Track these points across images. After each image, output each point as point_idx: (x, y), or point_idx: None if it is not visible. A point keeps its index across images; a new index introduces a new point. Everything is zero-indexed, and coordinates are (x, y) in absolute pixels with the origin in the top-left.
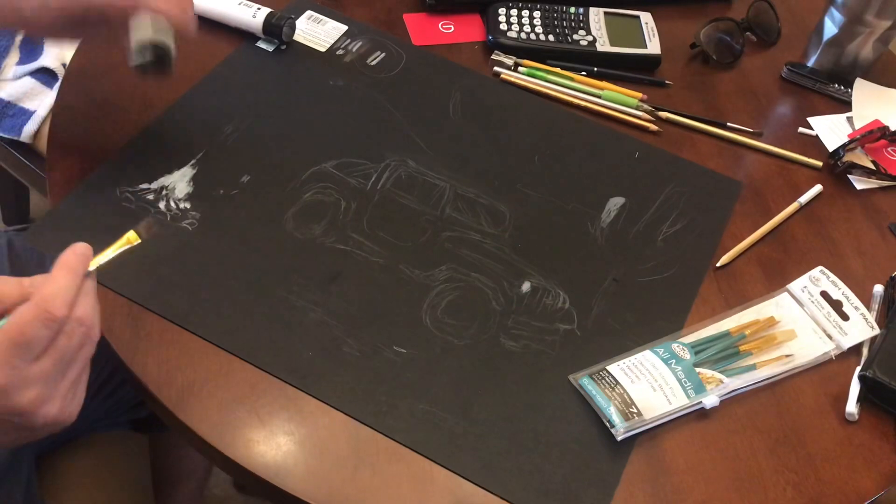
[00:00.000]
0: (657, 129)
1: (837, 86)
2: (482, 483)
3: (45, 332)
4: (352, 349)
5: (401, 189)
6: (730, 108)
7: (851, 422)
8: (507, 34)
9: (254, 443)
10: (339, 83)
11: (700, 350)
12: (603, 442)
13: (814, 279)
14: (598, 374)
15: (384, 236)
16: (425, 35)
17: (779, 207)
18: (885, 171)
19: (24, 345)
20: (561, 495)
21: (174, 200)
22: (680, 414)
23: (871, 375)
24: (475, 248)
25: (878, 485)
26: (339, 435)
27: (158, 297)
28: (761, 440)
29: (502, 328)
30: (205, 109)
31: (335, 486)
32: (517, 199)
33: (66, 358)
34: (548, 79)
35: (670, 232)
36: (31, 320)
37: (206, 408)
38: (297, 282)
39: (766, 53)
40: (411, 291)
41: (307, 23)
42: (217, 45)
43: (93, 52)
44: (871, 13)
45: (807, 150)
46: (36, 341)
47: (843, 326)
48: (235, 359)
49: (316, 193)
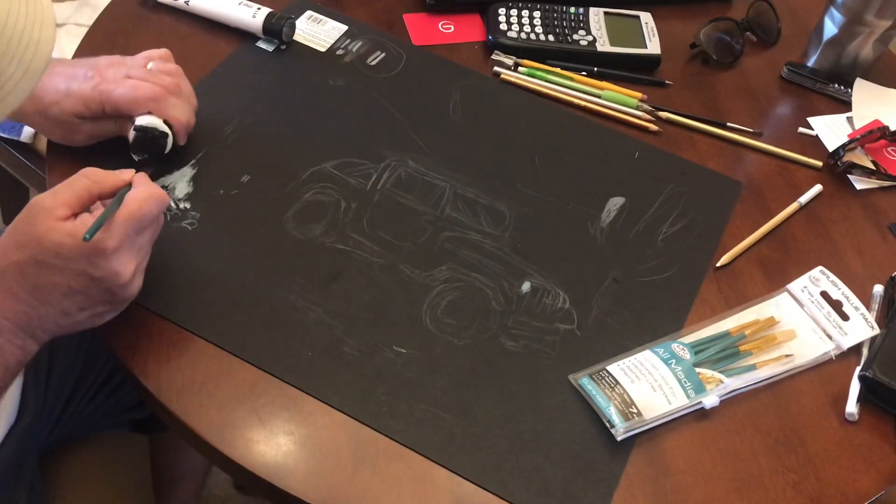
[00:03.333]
0: (657, 129)
1: (837, 86)
2: (482, 483)
3: (155, 210)
4: (352, 349)
5: (401, 189)
6: (730, 108)
7: (851, 422)
8: (507, 34)
9: (254, 443)
10: (339, 83)
11: (700, 350)
12: (603, 442)
13: (814, 279)
14: (598, 374)
15: (384, 236)
16: (425, 35)
17: (779, 207)
18: (885, 171)
19: (140, 218)
20: (561, 495)
21: (174, 200)
22: (680, 414)
23: (871, 375)
24: (475, 248)
25: (878, 485)
26: (339, 435)
27: (158, 297)
28: (761, 440)
29: (502, 328)
30: (204, 109)
31: (335, 486)
32: (517, 199)
33: (153, 238)
34: (548, 79)
35: (670, 232)
36: (148, 198)
37: (206, 408)
38: (297, 282)
39: (766, 53)
40: (411, 291)
41: (307, 23)
42: (217, 45)
43: (92, 52)
44: (871, 13)
45: (807, 150)
46: (147, 218)
47: (843, 326)
48: (235, 359)
49: (316, 193)
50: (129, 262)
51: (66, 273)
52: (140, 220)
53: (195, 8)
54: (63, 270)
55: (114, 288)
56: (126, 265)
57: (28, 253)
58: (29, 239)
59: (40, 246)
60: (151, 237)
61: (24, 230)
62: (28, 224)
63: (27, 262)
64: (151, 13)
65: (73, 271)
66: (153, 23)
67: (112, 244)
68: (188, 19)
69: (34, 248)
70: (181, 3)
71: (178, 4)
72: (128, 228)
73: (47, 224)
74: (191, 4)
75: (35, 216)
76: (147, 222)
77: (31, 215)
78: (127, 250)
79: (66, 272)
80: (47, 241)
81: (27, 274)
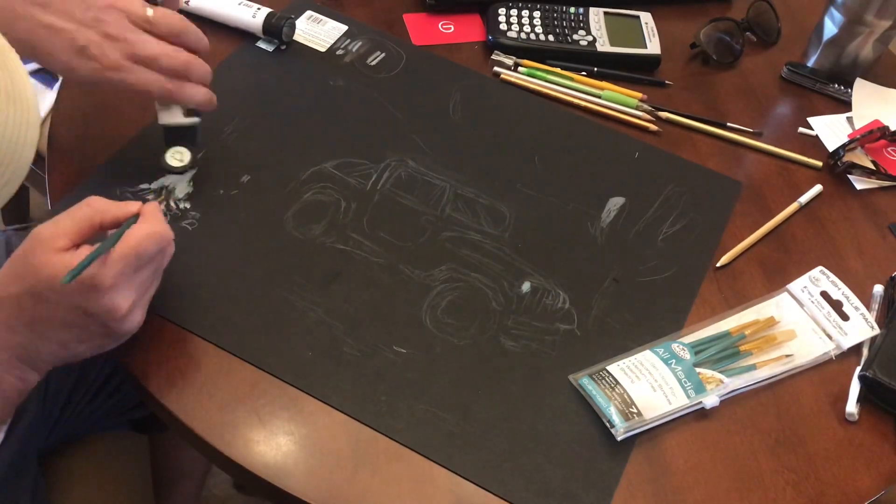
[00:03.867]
0: (657, 129)
1: (837, 86)
2: (482, 483)
3: (153, 249)
4: (352, 349)
5: (401, 189)
6: (730, 108)
7: (851, 422)
8: (507, 34)
9: (254, 443)
10: (339, 83)
11: (700, 350)
12: (603, 442)
13: (814, 279)
14: (598, 374)
15: (384, 236)
16: (425, 35)
17: (779, 207)
18: (885, 171)
19: (137, 256)
20: (561, 495)
21: (174, 200)
22: (680, 414)
23: (871, 375)
24: (475, 248)
25: (878, 485)
26: (339, 435)
27: (158, 297)
28: (761, 440)
29: (502, 328)
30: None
31: (335, 486)
32: (517, 199)
33: (157, 273)
34: (548, 79)
35: (670, 232)
36: (148, 237)
37: (206, 408)
38: (297, 282)
39: (766, 53)
40: (411, 291)
41: (307, 23)
42: (217, 45)
43: None
44: (871, 13)
45: (807, 150)
46: (145, 256)
47: (843, 326)
48: (235, 359)
49: (316, 193)
50: (125, 299)
51: (60, 307)
52: (137, 257)
53: (195, 8)
54: (58, 304)
55: (110, 323)
56: (121, 302)
57: (25, 285)
58: (27, 270)
59: (36, 278)
60: (154, 272)
61: (23, 261)
62: (26, 255)
63: (24, 294)
64: None
65: (68, 305)
66: None
67: (107, 282)
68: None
69: (31, 280)
70: (181, 3)
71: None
72: (123, 266)
73: (44, 256)
74: (191, 4)
75: (34, 247)
76: (145, 260)
77: (30, 245)
78: (124, 287)
79: (61, 306)
80: (43, 273)
81: (24, 307)
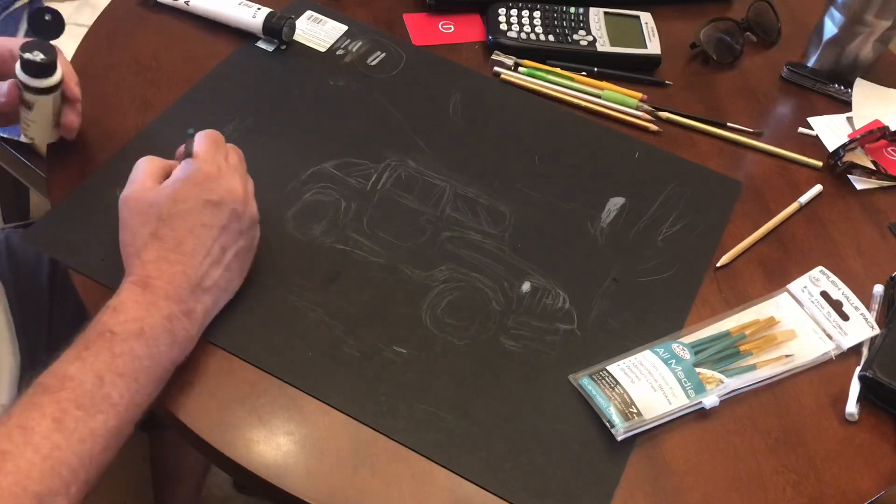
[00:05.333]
0: (657, 129)
1: (837, 86)
2: (482, 483)
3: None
4: (352, 349)
5: (401, 189)
6: (730, 108)
7: (851, 422)
8: (507, 34)
9: (254, 443)
10: (339, 83)
11: (700, 350)
12: (603, 442)
13: (814, 279)
14: (598, 374)
15: (384, 236)
16: (425, 35)
17: (779, 207)
18: (885, 171)
19: (217, 139)
20: (561, 495)
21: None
22: (680, 414)
23: (871, 375)
24: (475, 248)
25: (878, 485)
26: (339, 435)
27: None
28: (761, 440)
29: (502, 328)
30: (205, 110)
31: (335, 486)
32: (517, 199)
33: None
34: (548, 79)
35: (670, 232)
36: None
37: (206, 408)
38: (296, 282)
39: (766, 53)
40: (411, 291)
41: (307, 23)
42: (217, 45)
43: (92, 52)
44: (871, 13)
45: (807, 150)
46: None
47: (843, 326)
48: (235, 359)
49: (316, 193)
50: (235, 180)
51: (191, 213)
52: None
53: (195, 8)
54: (187, 212)
55: (237, 207)
56: (235, 184)
57: (152, 220)
58: (146, 209)
59: (158, 206)
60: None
61: (136, 211)
62: (132, 209)
63: (157, 227)
64: (151, 13)
65: (195, 206)
66: (153, 23)
67: (208, 167)
68: (188, 19)
69: (155, 213)
70: (181, 3)
71: (178, 4)
72: (209, 148)
73: (148, 193)
74: (191, 4)
75: (133, 200)
76: (218, 139)
77: (129, 202)
78: (227, 171)
79: (190, 212)
80: (159, 199)
81: (164, 237)
